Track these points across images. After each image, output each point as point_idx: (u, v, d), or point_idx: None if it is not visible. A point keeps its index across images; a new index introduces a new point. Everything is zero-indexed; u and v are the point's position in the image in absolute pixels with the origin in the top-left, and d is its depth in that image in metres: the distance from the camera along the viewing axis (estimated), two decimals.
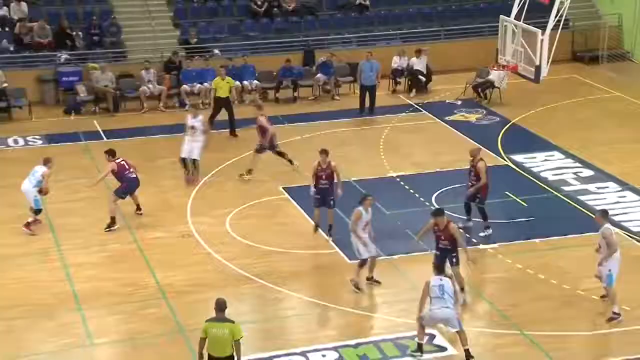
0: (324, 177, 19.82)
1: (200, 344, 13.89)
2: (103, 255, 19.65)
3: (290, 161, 23.77)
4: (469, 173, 20.46)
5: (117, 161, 20.83)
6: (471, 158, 20.44)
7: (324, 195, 19.90)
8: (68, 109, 29.19)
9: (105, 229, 20.60)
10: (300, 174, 23.05)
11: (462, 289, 17.24)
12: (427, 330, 16.27)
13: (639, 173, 23.54)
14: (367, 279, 18.00)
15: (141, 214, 21.35)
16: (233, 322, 13.85)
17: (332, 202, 19.92)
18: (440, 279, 15.60)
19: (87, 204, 21.95)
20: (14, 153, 25.84)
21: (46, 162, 20.94)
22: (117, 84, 29.54)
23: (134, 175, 21.07)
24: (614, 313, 16.89)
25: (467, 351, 15.46)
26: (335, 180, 19.96)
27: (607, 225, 16.86)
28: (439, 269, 15.98)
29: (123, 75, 30.08)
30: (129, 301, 17.69)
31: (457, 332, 15.60)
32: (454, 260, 17.18)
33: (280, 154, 23.79)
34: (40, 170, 20.69)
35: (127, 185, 20.94)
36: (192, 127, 23.19)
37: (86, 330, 16.70)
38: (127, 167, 20.96)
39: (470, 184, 20.36)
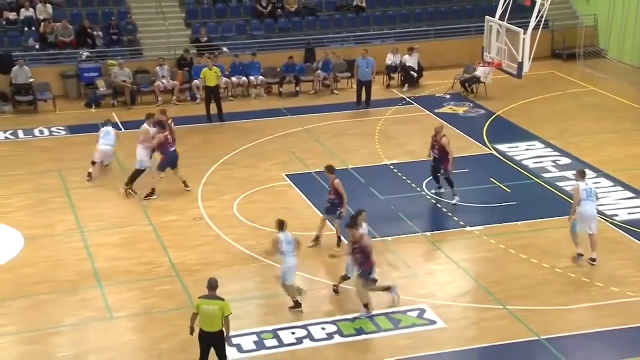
0: (330, 192, 18.75)
1: (192, 318, 13.98)
2: (121, 236, 19.65)
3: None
4: (432, 147, 20.98)
5: (164, 134, 21.15)
6: (434, 134, 20.77)
7: (333, 206, 18.78)
8: (89, 102, 29.15)
9: (145, 197, 21.04)
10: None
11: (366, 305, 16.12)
12: (417, 306, 16.34)
13: (612, 161, 23.52)
14: (334, 285, 17.17)
15: (189, 189, 21.53)
16: (223, 299, 13.80)
17: (339, 214, 18.74)
18: (287, 235, 16.09)
19: (106, 190, 21.94)
20: (40, 142, 25.82)
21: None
22: (134, 79, 29.48)
23: (173, 149, 21.36)
24: (577, 254, 17.94)
25: (296, 302, 16.16)
26: (339, 197, 18.62)
27: (577, 182, 17.86)
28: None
29: (139, 71, 30.00)
30: (145, 278, 17.73)
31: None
32: (368, 275, 15.99)
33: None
34: (112, 131, 21.73)
35: (166, 158, 21.23)
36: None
37: (106, 304, 16.76)
38: (169, 140, 21.26)
39: (433, 156, 20.89)
